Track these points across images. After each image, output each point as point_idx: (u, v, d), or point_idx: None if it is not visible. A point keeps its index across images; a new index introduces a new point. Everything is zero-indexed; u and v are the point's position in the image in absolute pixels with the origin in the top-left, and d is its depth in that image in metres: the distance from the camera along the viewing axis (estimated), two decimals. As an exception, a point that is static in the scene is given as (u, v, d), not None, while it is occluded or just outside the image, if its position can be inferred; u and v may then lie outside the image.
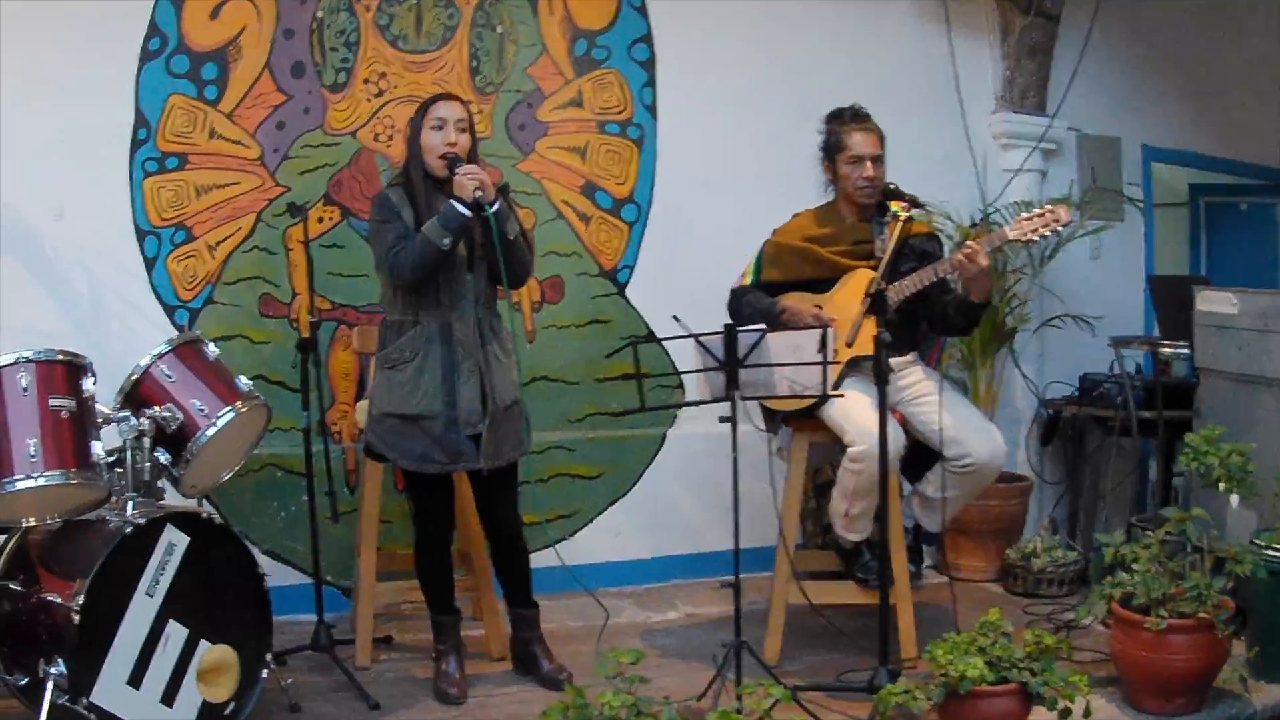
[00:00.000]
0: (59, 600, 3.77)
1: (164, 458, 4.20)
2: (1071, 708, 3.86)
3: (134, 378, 4.25)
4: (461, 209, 4.25)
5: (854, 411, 4.65)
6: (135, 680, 3.82)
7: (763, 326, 4.21)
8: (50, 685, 3.67)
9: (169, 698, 3.90)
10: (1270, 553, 4.44)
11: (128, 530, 3.83)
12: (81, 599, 3.69)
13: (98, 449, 3.97)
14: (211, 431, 4.23)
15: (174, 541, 3.94)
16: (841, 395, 4.53)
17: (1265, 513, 4.80)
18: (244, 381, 4.42)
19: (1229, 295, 5.33)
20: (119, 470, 4.07)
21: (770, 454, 4.91)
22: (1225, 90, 7.30)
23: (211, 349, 4.43)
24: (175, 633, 3.91)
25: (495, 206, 4.29)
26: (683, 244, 5.97)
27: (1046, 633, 4.07)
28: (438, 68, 5.59)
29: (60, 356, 3.97)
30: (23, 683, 3.88)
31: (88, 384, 4.01)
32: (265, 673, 4.19)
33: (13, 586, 3.93)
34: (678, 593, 5.90)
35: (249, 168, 5.36)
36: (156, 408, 4.17)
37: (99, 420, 4.05)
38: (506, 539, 4.68)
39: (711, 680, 4.34)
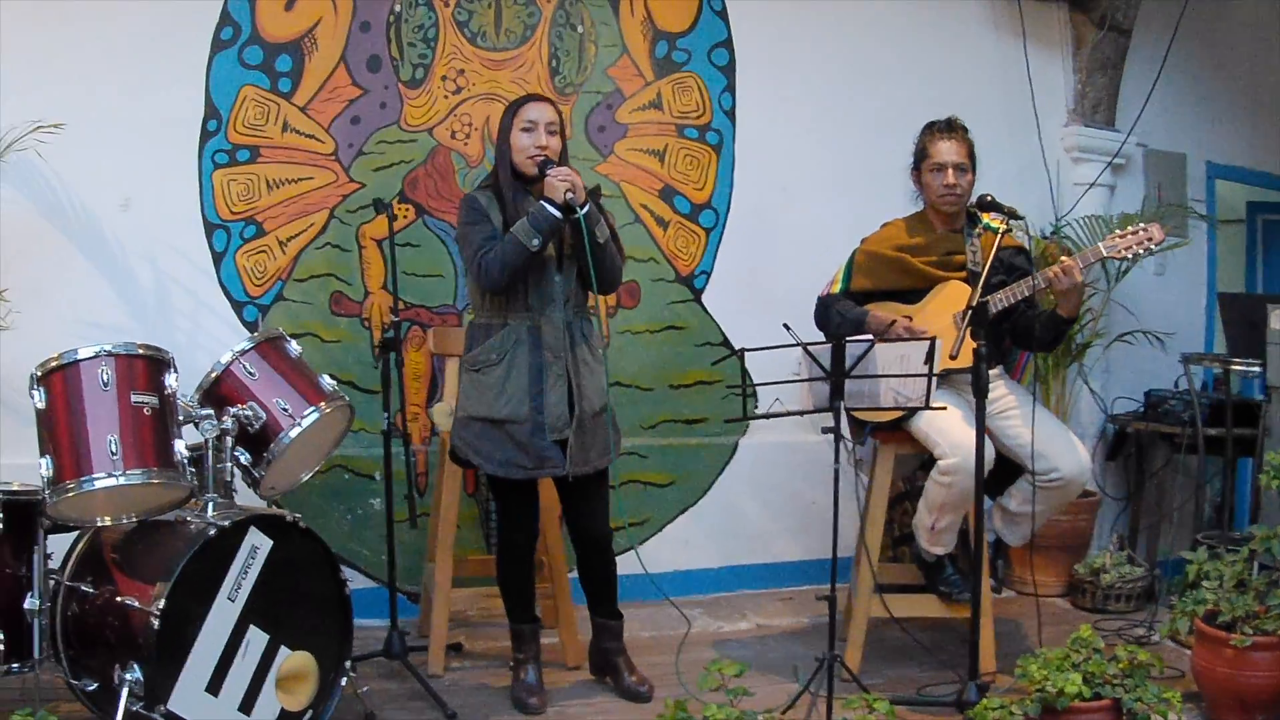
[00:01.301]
0: (136, 604, 3.64)
1: (244, 458, 4.10)
2: (1163, 723, 3.86)
3: (214, 375, 4.14)
4: (552, 210, 4.17)
5: (945, 424, 4.58)
6: (214, 687, 3.72)
7: (870, 337, 4.13)
8: (125, 691, 3.57)
9: (247, 705, 3.79)
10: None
11: (211, 533, 3.72)
12: (162, 603, 3.57)
13: (180, 448, 3.85)
14: (296, 432, 4.12)
15: (257, 545, 3.84)
16: (944, 408, 4.45)
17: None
18: (327, 381, 4.32)
19: (1304, 314, 5.29)
20: (191, 470, 3.95)
21: (851, 465, 4.83)
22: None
23: (294, 347, 4.33)
24: (255, 639, 3.81)
25: (586, 209, 4.21)
26: (760, 251, 5.90)
27: (1140, 649, 4.03)
28: (517, 66, 5.51)
29: (141, 351, 3.85)
30: (91, 688, 3.79)
31: (170, 380, 3.89)
32: (344, 681, 4.09)
33: (83, 588, 3.82)
34: (747, 603, 5.82)
35: (322, 162, 5.27)
36: (238, 406, 4.05)
37: (181, 418, 3.93)
38: (596, 548, 4.58)
39: (799, 693, 4.32)
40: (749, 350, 4.01)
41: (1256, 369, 5.64)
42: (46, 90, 4.83)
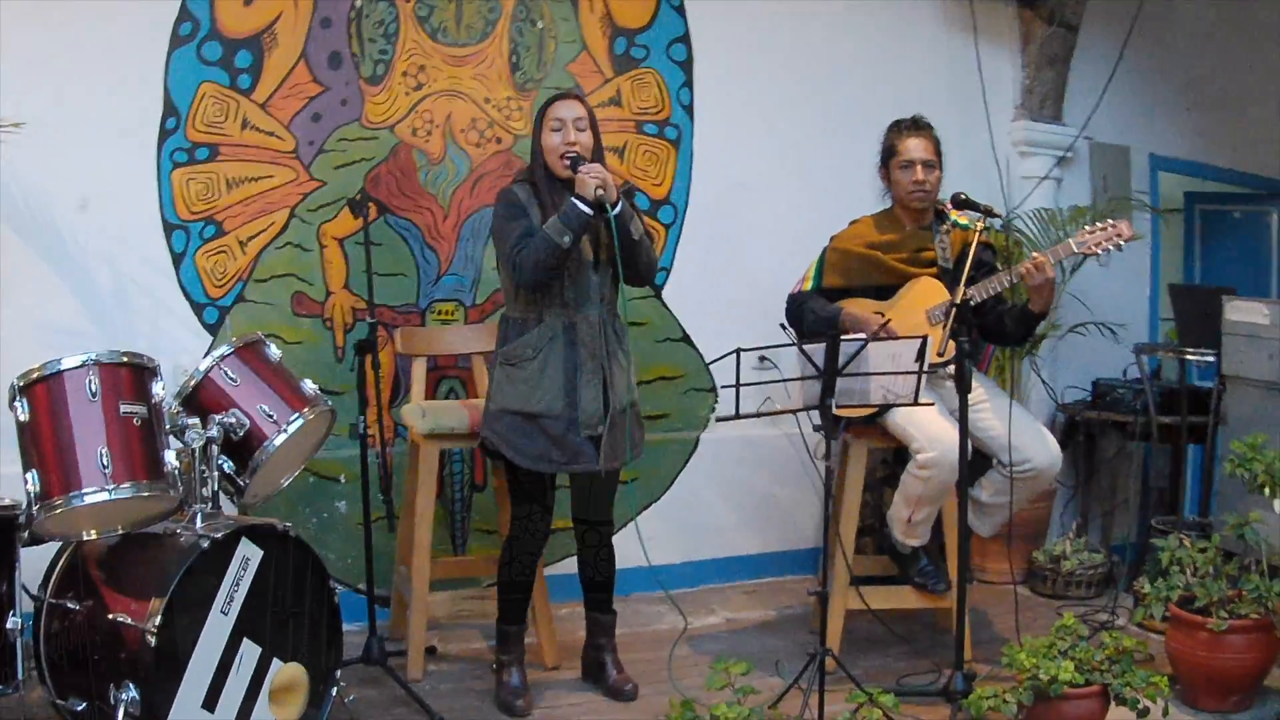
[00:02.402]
0: (129, 621, 3.56)
1: (228, 466, 4.03)
2: (1151, 707, 3.94)
3: (194, 382, 4.06)
4: (583, 207, 4.16)
5: (922, 418, 4.63)
6: (210, 703, 3.65)
7: (863, 336, 4.15)
8: (121, 712, 3.50)
9: (242, 720, 3.74)
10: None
11: (204, 545, 3.64)
12: (158, 620, 3.50)
13: (169, 458, 3.77)
14: (281, 439, 4.06)
15: (248, 555, 3.78)
16: (931, 404, 4.48)
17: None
18: (309, 385, 4.26)
19: (1260, 306, 5.47)
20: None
21: (817, 459, 4.87)
22: (1233, 101, 7.34)
23: (274, 351, 4.26)
24: (249, 652, 3.76)
25: (618, 207, 4.20)
26: (719, 247, 5.90)
27: (1125, 635, 4.13)
28: (478, 62, 5.44)
29: (125, 359, 3.77)
30: (79, 708, 3.69)
31: (156, 388, 3.82)
32: (333, 690, 4.05)
33: (67, 605, 3.72)
34: (713, 597, 5.84)
35: (283, 160, 5.17)
36: (221, 413, 3.98)
37: (168, 428, 3.85)
38: (599, 542, 4.63)
39: (788, 686, 4.32)
40: (745, 350, 3.99)
41: (1210, 358, 5.79)
42: (1, 88, 4.69)
